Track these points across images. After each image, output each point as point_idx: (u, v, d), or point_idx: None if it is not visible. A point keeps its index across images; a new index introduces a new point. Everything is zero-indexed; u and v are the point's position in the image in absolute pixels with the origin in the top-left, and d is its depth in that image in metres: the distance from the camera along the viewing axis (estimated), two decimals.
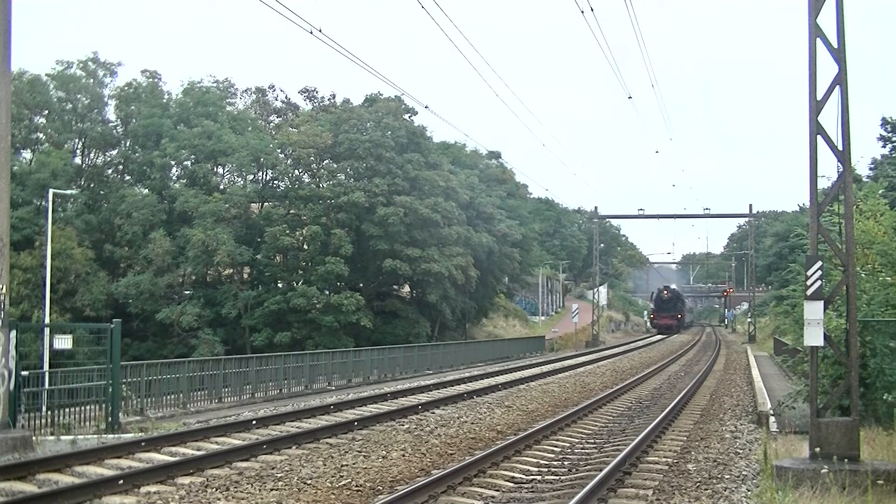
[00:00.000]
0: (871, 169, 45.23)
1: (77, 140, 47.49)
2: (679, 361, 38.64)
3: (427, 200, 44.79)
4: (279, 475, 11.29)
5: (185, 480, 11.01)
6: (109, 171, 49.28)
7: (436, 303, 45.93)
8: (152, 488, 10.51)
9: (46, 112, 46.88)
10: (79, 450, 12.65)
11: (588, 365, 34.94)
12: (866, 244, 15.75)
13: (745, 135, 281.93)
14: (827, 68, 10.97)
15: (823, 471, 9.78)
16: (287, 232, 43.68)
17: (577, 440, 14.82)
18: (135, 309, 41.85)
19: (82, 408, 16.18)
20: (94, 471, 11.58)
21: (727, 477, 11.40)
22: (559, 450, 13.77)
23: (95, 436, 14.68)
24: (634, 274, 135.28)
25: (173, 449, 13.33)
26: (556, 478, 11.46)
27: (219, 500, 9.95)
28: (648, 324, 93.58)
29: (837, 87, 10.91)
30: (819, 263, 10.83)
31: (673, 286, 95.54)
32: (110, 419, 15.81)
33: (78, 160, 47.64)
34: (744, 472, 11.69)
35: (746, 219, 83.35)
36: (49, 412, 15.65)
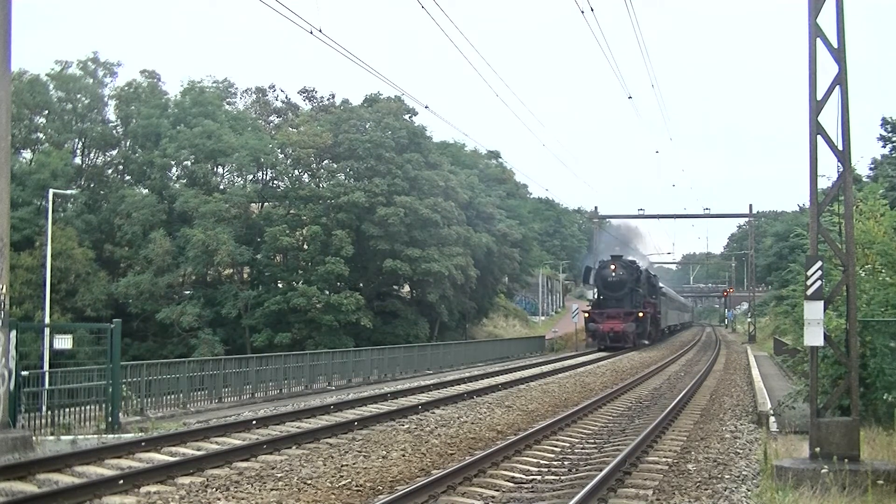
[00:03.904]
0: (871, 169, 45.30)
1: (77, 140, 47.54)
2: (679, 361, 38.62)
3: (427, 200, 44.81)
4: (279, 475, 11.29)
5: (186, 480, 11.01)
6: (109, 171, 49.33)
7: (436, 303, 45.95)
8: (152, 488, 10.51)
9: (46, 112, 46.93)
10: (79, 450, 12.64)
11: (588, 365, 34.91)
12: (866, 244, 15.76)
13: (745, 135, 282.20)
14: (827, 68, 10.98)
15: (823, 471, 9.78)
16: (287, 232, 43.71)
17: (577, 440, 14.81)
18: (135, 309, 41.87)
19: (82, 408, 16.18)
20: (94, 471, 11.57)
21: (727, 477, 11.39)
22: (559, 450, 13.76)
23: (95, 436, 14.67)
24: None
25: (173, 449, 13.33)
26: (556, 478, 11.46)
27: (219, 500, 9.95)
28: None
29: (837, 87, 10.91)
30: (819, 263, 10.83)
31: (636, 260, 55.11)
32: (110, 419, 15.81)
33: (78, 160, 47.69)
34: (744, 472, 11.68)
35: (746, 219, 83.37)
36: (49, 412, 15.65)
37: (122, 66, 51.98)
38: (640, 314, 48.04)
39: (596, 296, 50.49)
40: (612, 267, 48.91)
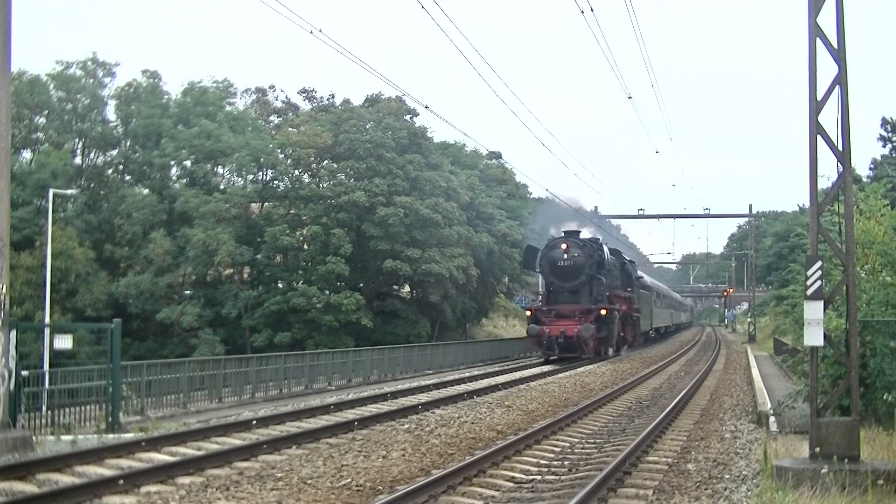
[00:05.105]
0: (871, 169, 45.35)
1: (77, 140, 47.54)
2: (679, 361, 38.61)
3: (427, 201, 44.85)
4: (279, 475, 11.28)
5: (186, 480, 11.01)
6: (109, 171, 49.35)
7: (437, 303, 46.00)
8: (152, 488, 10.50)
9: (46, 112, 46.92)
10: (79, 450, 12.64)
11: (588, 365, 34.89)
12: (866, 244, 15.77)
13: (746, 135, 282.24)
14: (827, 68, 10.97)
15: (823, 471, 9.78)
16: (287, 232, 43.76)
17: (577, 440, 14.81)
18: (135, 309, 41.90)
19: (82, 408, 16.18)
20: (95, 471, 11.57)
21: (727, 477, 11.39)
22: (559, 450, 13.76)
23: (95, 436, 14.67)
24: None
25: (173, 449, 13.32)
26: (557, 478, 11.46)
27: (219, 499, 9.94)
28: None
29: (837, 87, 10.90)
30: (819, 263, 10.83)
31: (602, 239, 40.87)
32: (110, 419, 15.81)
33: (78, 160, 47.70)
34: (744, 472, 11.68)
35: (746, 219, 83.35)
36: (49, 412, 15.65)
37: (119, 66, 51.99)
38: (604, 312, 35.27)
39: (545, 287, 38.18)
40: (564, 247, 35.86)
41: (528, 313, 36.75)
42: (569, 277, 35.83)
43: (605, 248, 38.26)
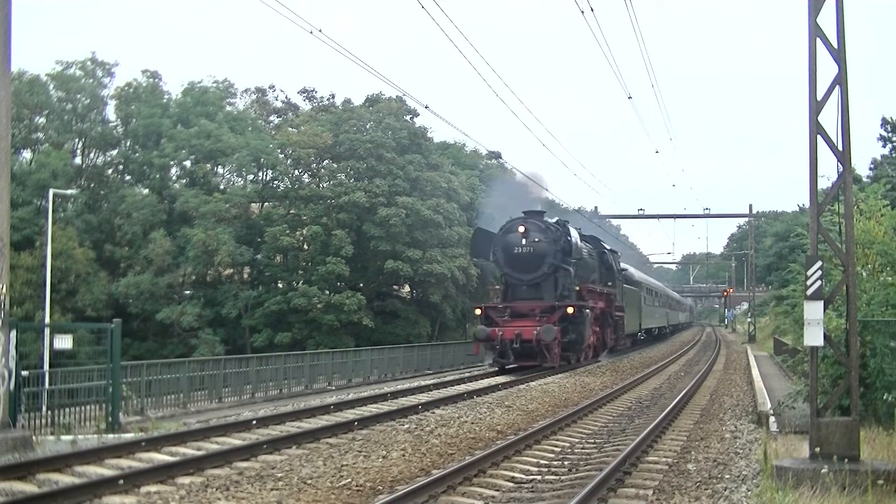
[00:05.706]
0: (871, 169, 45.37)
1: (77, 140, 47.60)
2: (679, 361, 38.61)
3: (429, 201, 44.91)
4: (279, 475, 11.28)
5: (186, 480, 11.00)
6: (109, 171, 49.42)
7: (437, 303, 46.06)
8: (152, 488, 10.50)
9: (46, 112, 46.96)
10: (79, 450, 12.63)
11: (588, 365, 34.90)
12: (866, 244, 15.77)
13: (746, 135, 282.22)
14: (827, 68, 10.97)
15: (823, 471, 9.78)
16: (287, 232, 43.83)
17: (577, 440, 14.81)
18: (135, 309, 41.94)
19: (82, 408, 16.19)
20: (95, 471, 11.56)
21: (727, 477, 11.39)
22: (559, 450, 13.76)
23: (95, 436, 14.67)
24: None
25: (173, 449, 13.32)
26: (557, 478, 11.45)
27: (219, 499, 9.94)
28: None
29: (837, 87, 10.90)
30: (819, 263, 10.83)
31: (575, 226, 32.45)
32: (110, 419, 15.82)
33: (78, 160, 47.76)
34: (744, 472, 11.68)
35: (746, 219, 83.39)
36: (49, 412, 15.68)
37: (119, 66, 52.11)
38: (571, 310, 28.40)
39: (501, 281, 30.78)
40: (522, 230, 28.67)
41: (478, 312, 29.31)
42: (528, 268, 28.89)
43: (575, 233, 30.93)
